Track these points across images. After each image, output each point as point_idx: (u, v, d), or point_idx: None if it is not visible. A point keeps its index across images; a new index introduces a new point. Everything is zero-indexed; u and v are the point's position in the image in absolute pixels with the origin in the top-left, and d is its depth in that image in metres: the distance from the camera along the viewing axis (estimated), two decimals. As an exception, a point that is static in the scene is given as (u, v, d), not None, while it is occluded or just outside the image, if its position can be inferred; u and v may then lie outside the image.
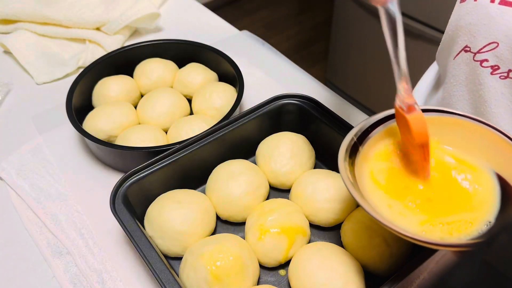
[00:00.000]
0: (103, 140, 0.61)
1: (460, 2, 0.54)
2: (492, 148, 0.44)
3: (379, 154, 0.47)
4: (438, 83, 0.68)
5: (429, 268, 0.50)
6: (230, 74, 0.71)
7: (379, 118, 0.47)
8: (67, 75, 0.79)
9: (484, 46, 0.51)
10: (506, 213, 0.40)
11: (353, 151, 0.44)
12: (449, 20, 0.56)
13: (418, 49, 1.39)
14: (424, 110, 0.46)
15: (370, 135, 0.46)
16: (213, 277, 0.45)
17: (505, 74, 0.50)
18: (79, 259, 0.53)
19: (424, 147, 0.43)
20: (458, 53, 0.54)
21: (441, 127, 0.47)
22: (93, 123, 0.63)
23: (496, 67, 0.50)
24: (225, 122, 0.58)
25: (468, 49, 0.53)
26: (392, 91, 0.44)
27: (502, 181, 0.43)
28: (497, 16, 0.49)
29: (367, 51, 1.60)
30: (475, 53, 0.52)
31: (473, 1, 0.51)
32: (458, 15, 0.54)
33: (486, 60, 0.51)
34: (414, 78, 0.75)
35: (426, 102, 0.70)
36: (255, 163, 0.59)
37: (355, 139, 0.45)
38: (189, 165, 0.56)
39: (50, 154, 0.65)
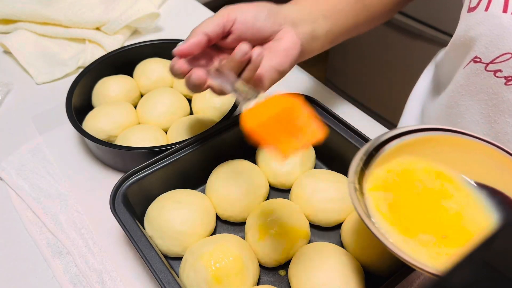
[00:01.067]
0: (103, 140, 0.61)
1: (468, 12, 0.52)
2: (500, 169, 0.43)
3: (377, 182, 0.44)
4: (437, 88, 0.67)
5: (429, 268, 0.50)
6: (230, 74, 0.71)
7: (387, 137, 0.44)
8: (67, 75, 0.79)
9: (497, 57, 0.49)
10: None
11: (361, 175, 0.42)
12: (456, 30, 0.54)
13: (418, 49, 1.39)
14: (434, 129, 0.45)
15: (376, 155, 0.43)
16: (213, 277, 0.45)
17: None
18: (79, 259, 0.53)
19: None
20: (468, 64, 0.53)
21: (460, 152, 0.44)
22: (93, 123, 0.63)
23: (510, 77, 0.49)
24: (225, 122, 0.57)
25: (478, 59, 0.51)
26: (392, 91, 0.44)
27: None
28: (511, 26, 0.47)
29: (367, 51, 1.60)
30: (487, 64, 0.50)
31: (483, 11, 0.49)
32: (467, 25, 0.52)
33: (500, 71, 0.49)
34: (414, 78, 0.75)
35: (424, 107, 0.69)
36: (255, 163, 0.59)
37: (361, 164, 0.43)
38: (189, 165, 0.56)
39: (50, 154, 0.65)
